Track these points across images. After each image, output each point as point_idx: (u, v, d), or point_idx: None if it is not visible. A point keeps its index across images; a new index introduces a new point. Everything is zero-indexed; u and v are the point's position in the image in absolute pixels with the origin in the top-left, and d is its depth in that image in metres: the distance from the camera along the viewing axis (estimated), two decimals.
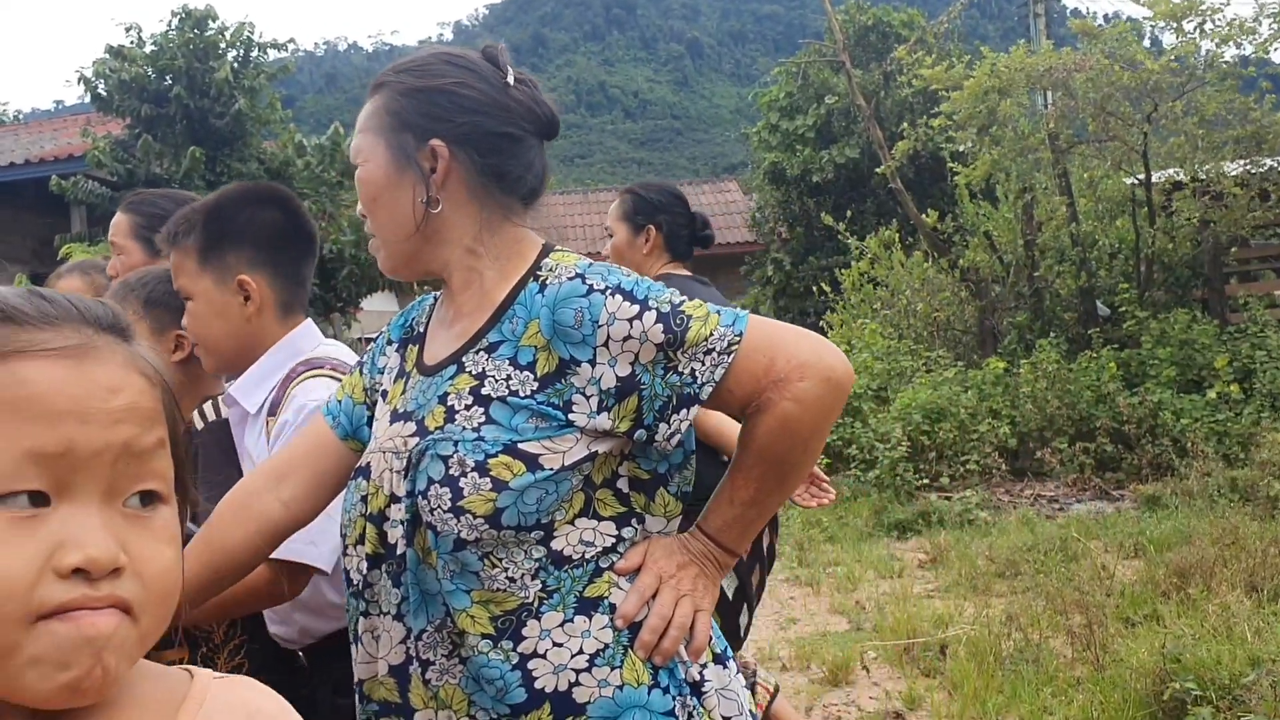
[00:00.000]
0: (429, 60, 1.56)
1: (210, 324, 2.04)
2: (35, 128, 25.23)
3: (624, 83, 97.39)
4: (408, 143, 1.52)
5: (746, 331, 1.44)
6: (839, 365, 1.45)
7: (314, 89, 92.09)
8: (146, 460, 0.79)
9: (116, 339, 0.82)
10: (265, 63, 19.93)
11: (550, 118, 1.57)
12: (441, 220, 1.53)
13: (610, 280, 1.44)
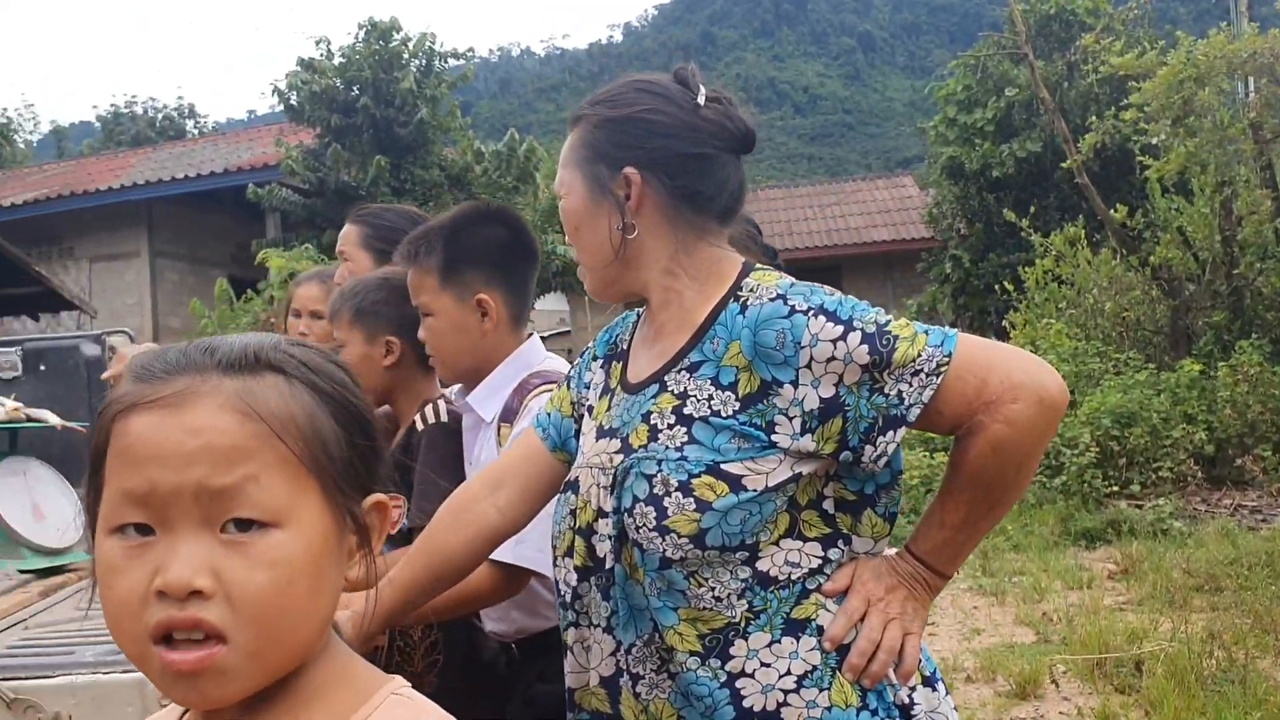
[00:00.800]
0: (621, 90, 1.61)
1: (449, 339, 2.13)
2: (232, 138, 26.69)
3: (794, 78, 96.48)
4: (602, 173, 1.58)
5: (956, 351, 1.41)
6: (1054, 385, 1.41)
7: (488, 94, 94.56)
8: (232, 494, 0.84)
9: (234, 376, 0.89)
10: (446, 71, 20.57)
11: (744, 132, 1.59)
12: (639, 245, 1.57)
13: (813, 301, 1.44)
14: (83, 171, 24.47)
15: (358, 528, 0.94)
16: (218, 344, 0.91)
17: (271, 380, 0.90)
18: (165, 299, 21.76)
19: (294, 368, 0.92)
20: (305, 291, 3.62)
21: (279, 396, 0.89)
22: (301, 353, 0.95)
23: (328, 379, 0.95)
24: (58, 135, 50.93)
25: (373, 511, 0.96)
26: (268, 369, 0.91)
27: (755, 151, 1.68)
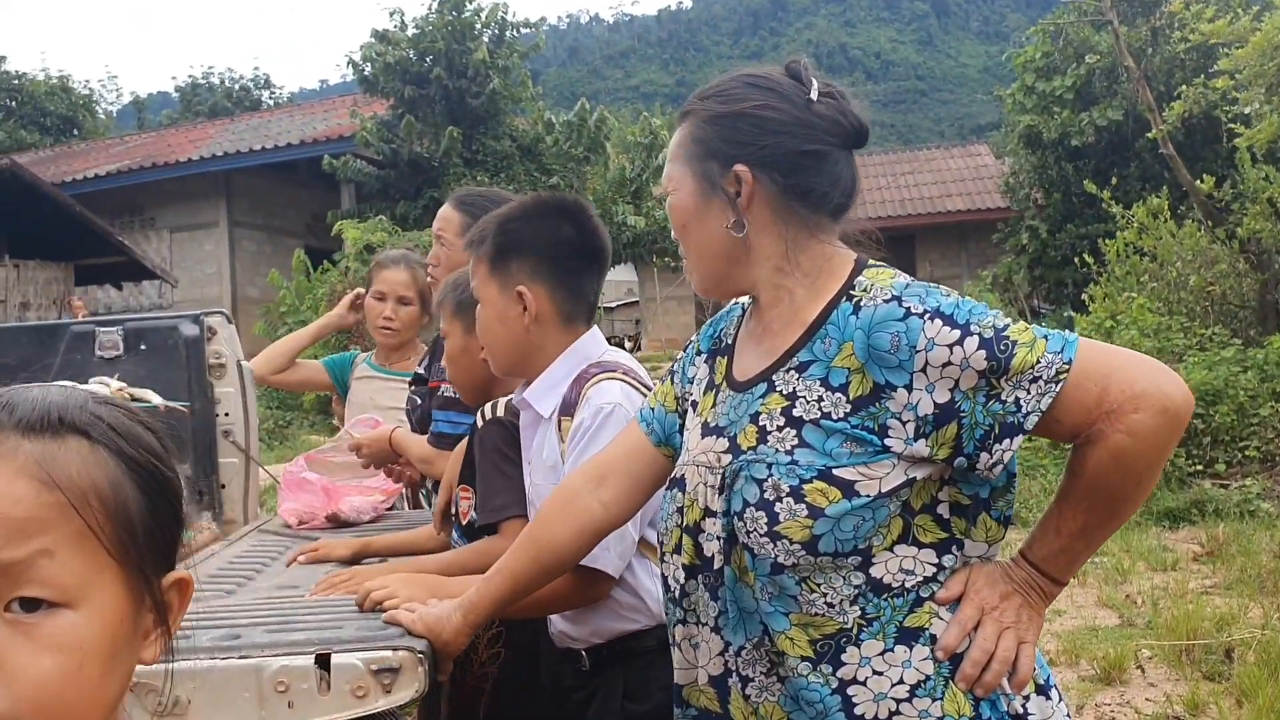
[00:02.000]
0: (731, 85, 1.58)
1: (493, 328, 2.13)
2: (307, 109, 26.99)
3: (866, 44, 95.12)
4: (712, 170, 1.55)
5: (1076, 358, 1.37)
6: (1178, 394, 1.37)
7: (557, 62, 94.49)
8: (20, 570, 0.77)
9: (34, 439, 0.81)
10: (517, 41, 20.57)
11: (857, 127, 1.55)
12: (749, 242, 1.55)
13: (929, 303, 1.41)
14: (163, 143, 24.94)
15: (156, 605, 0.86)
16: (17, 401, 0.83)
17: (75, 445, 0.82)
18: (243, 268, 22.17)
19: (100, 432, 0.84)
20: (393, 276, 3.65)
21: (81, 464, 0.81)
22: (110, 414, 0.86)
23: (136, 444, 0.86)
24: (137, 106, 51.96)
25: (173, 589, 0.88)
26: (72, 432, 0.83)
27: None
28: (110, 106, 45.71)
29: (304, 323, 15.94)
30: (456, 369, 2.42)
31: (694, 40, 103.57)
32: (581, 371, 2.08)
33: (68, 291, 19.19)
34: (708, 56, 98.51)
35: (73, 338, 3.17)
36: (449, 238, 2.95)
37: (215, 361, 3.20)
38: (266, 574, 2.40)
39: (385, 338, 3.71)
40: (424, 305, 3.68)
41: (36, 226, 17.92)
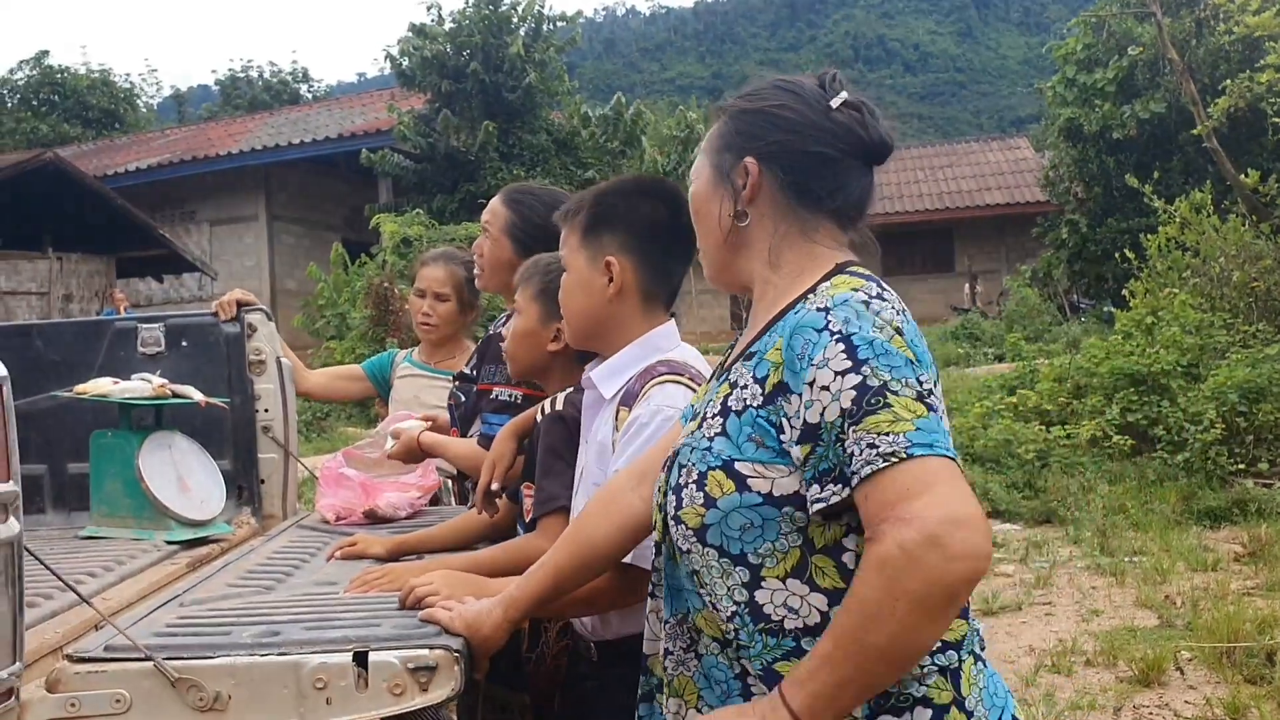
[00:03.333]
0: (762, 85, 1.64)
1: (575, 296, 2.15)
2: (345, 102, 27.17)
3: (904, 35, 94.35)
4: (726, 161, 1.62)
5: (919, 458, 1.28)
6: (960, 547, 1.25)
7: (593, 55, 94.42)
8: None
9: None
10: (554, 35, 20.60)
11: (877, 142, 1.58)
12: (748, 234, 1.61)
13: (847, 327, 1.38)
14: (203, 136, 25.19)
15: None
16: None
17: None
18: (282, 261, 22.37)
19: None
20: (431, 273, 3.68)
21: None
22: None
23: None
24: (178, 99, 52.49)
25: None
26: None
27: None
28: (151, 100, 46.26)
29: (341, 316, 16.11)
30: (519, 347, 2.45)
31: (730, 33, 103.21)
32: (650, 366, 2.09)
33: (109, 284, 19.44)
34: (744, 49, 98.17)
35: (116, 334, 3.22)
36: (494, 232, 2.96)
37: (255, 358, 3.24)
38: (305, 570, 2.42)
39: (424, 333, 3.75)
40: (462, 302, 3.70)
41: (79, 220, 18.16)
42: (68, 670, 1.71)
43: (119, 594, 2.26)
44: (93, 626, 2.05)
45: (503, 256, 2.92)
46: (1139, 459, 8.60)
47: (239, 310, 3.26)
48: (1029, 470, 8.47)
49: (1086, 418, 9.11)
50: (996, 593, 5.99)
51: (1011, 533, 7.48)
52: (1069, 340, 15.19)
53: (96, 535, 2.84)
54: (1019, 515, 7.81)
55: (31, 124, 34.16)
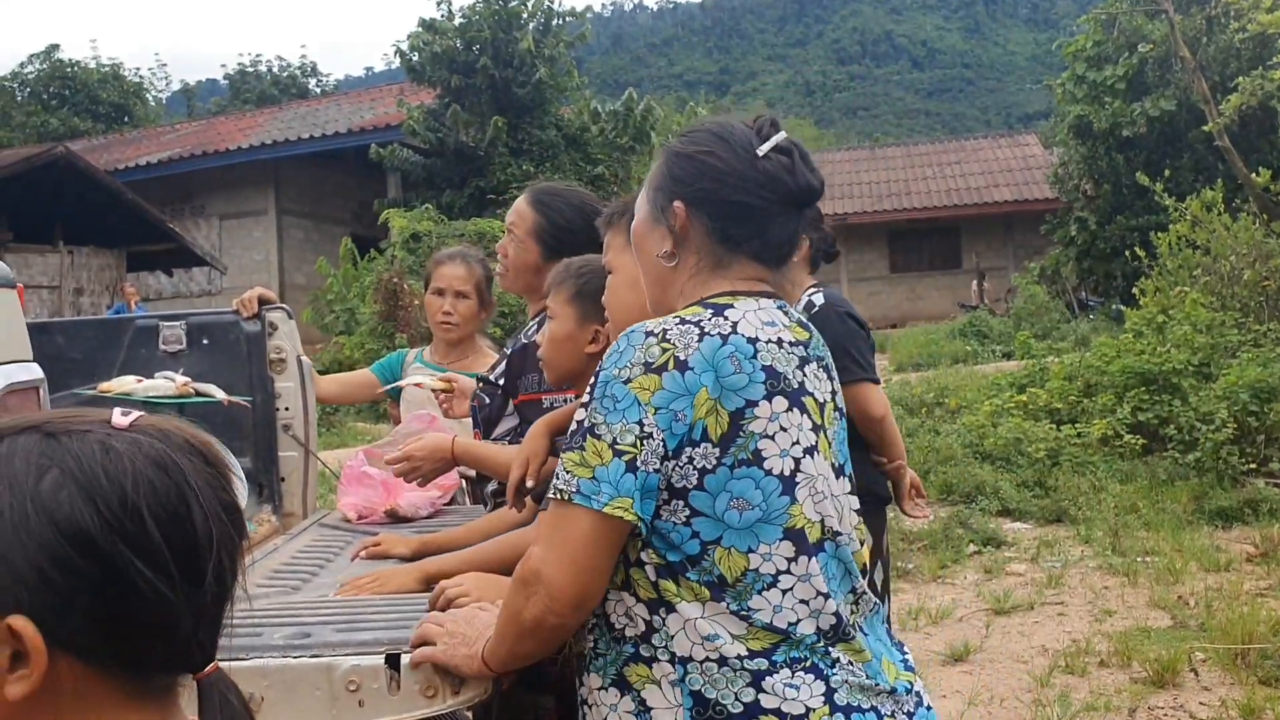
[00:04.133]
0: (699, 130, 1.73)
1: (623, 297, 2.14)
2: (354, 97, 27.17)
3: (911, 31, 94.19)
4: (660, 200, 1.70)
5: (572, 504, 1.46)
6: (534, 608, 1.49)
7: (600, 50, 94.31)
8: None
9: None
10: (563, 30, 20.58)
11: (801, 188, 1.64)
12: (676, 271, 1.69)
13: (605, 360, 1.54)
14: (213, 131, 25.22)
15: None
16: None
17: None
18: (291, 256, 22.40)
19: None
20: (450, 271, 3.67)
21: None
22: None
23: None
24: (187, 93, 52.58)
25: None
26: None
27: (871, 107, 1.71)
28: (160, 94, 46.29)
29: (350, 311, 16.13)
30: (556, 352, 2.44)
31: (738, 28, 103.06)
32: None
33: (120, 278, 19.48)
34: (751, 45, 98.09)
35: (137, 332, 3.23)
36: (520, 234, 2.93)
37: (276, 356, 3.25)
38: (330, 569, 2.43)
39: (445, 332, 3.72)
40: (481, 300, 3.69)
41: (89, 213, 18.20)
42: None
43: None
44: None
45: (529, 259, 2.90)
46: (1150, 458, 8.59)
47: (260, 308, 3.26)
48: (1039, 469, 8.45)
49: (1097, 416, 9.09)
50: (1008, 591, 5.99)
51: (1022, 532, 7.47)
52: (1078, 338, 15.18)
53: None
54: (1029, 514, 7.80)
55: (42, 118, 34.19)
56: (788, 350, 1.56)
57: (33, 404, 1.57)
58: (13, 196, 16.97)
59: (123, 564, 0.81)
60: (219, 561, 0.86)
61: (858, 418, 3.35)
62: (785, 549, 1.49)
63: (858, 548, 1.61)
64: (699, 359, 1.49)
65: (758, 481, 1.48)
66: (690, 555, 1.48)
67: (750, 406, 1.49)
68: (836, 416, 1.65)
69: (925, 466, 8.35)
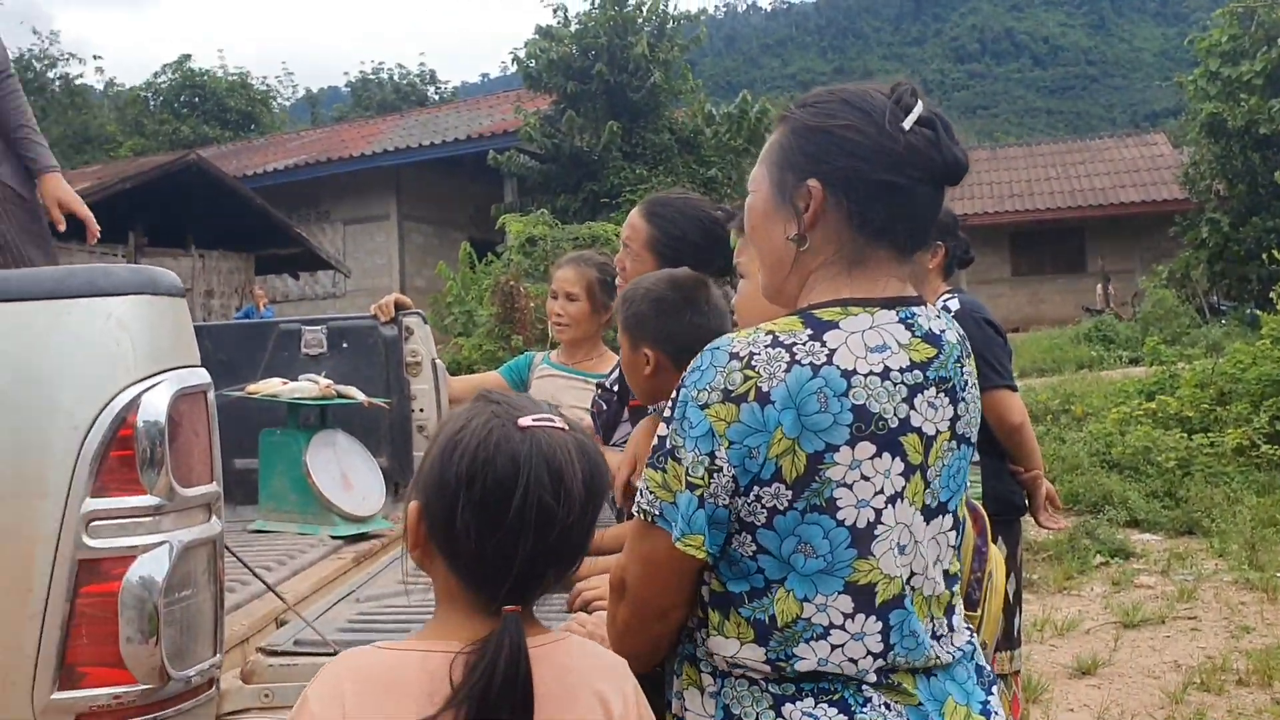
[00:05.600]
0: (827, 98, 1.54)
1: (755, 304, 2.08)
2: (472, 104, 27.64)
3: (1033, 28, 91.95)
4: (787, 179, 1.53)
5: (638, 519, 1.47)
6: (619, 617, 1.55)
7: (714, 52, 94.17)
8: None
9: None
10: (678, 34, 20.64)
11: (950, 164, 1.49)
12: (804, 256, 1.53)
13: (687, 377, 1.47)
14: (337, 138, 25.91)
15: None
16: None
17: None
18: (411, 259, 22.90)
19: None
20: (562, 274, 3.75)
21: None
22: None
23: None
24: (310, 101, 54.14)
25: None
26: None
27: (990, 105, 1.59)
28: (285, 101, 47.77)
29: (468, 313, 16.42)
30: (631, 378, 2.49)
31: (853, 27, 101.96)
32: None
33: (249, 281, 20.16)
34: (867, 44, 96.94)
35: (281, 336, 3.36)
36: (636, 248, 2.95)
37: (411, 359, 3.34)
38: None
39: (558, 333, 3.80)
40: (594, 301, 3.74)
41: (220, 218, 18.87)
42: (261, 662, 1.81)
43: (294, 588, 2.36)
44: (274, 620, 2.15)
45: (645, 271, 2.93)
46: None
47: (397, 313, 3.36)
48: (1169, 479, 8.19)
49: (1231, 425, 8.77)
50: (1138, 604, 5.83)
51: (1151, 543, 7.26)
52: (1209, 344, 14.64)
53: (265, 529, 2.97)
54: (1159, 525, 7.57)
55: (174, 126, 35.58)
56: (894, 381, 1.42)
57: (201, 407, 1.66)
58: (148, 202, 17.70)
59: (457, 503, 1.24)
60: (526, 532, 1.23)
61: (995, 425, 3.31)
62: (843, 603, 1.41)
63: (943, 589, 1.50)
64: (782, 392, 1.37)
65: (827, 531, 1.39)
66: (754, 588, 1.43)
67: (830, 451, 1.38)
68: (952, 446, 1.50)
69: (1050, 475, 8.11)
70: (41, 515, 1.53)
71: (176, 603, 1.59)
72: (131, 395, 1.54)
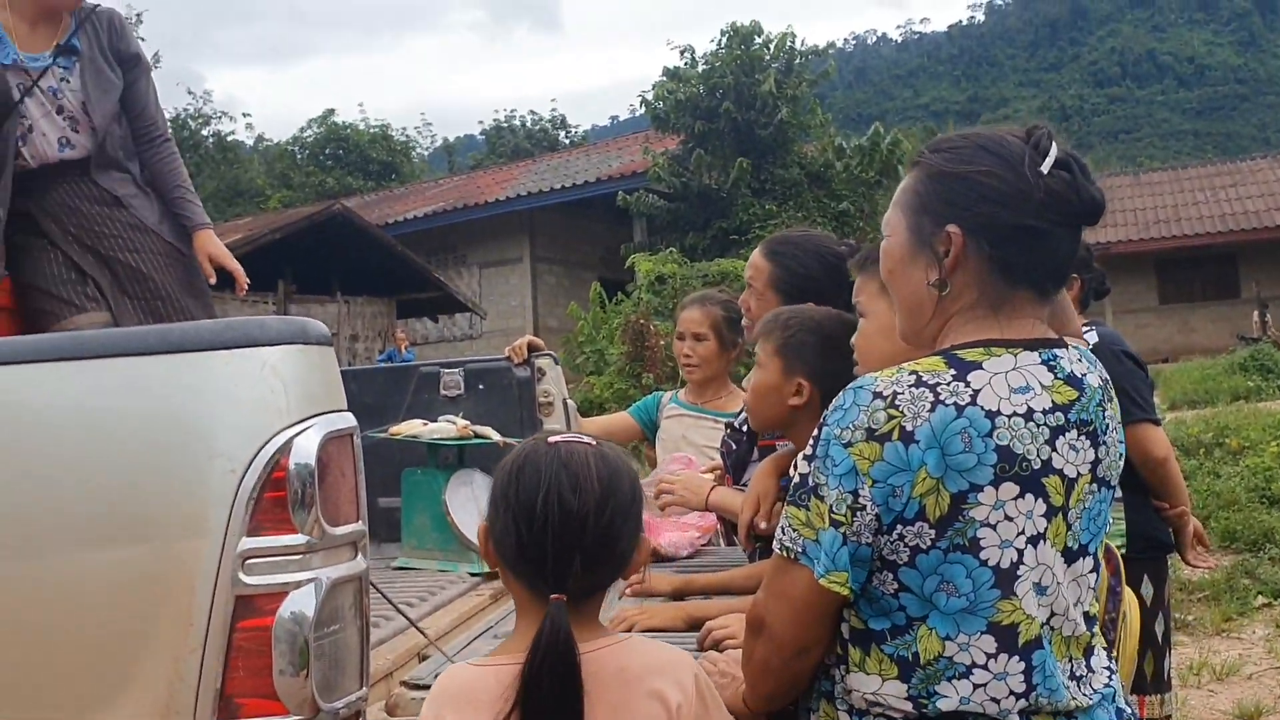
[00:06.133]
0: (963, 143, 1.56)
1: (875, 343, 2.10)
2: (602, 147, 28.11)
3: (1177, 48, 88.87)
4: (925, 225, 1.55)
5: (789, 561, 1.48)
6: (756, 653, 1.55)
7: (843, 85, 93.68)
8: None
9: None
10: (806, 69, 20.64)
11: (1088, 205, 1.50)
12: (948, 301, 1.55)
13: (829, 415, 1.49)
14: (472, 185, 26.65)
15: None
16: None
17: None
18: (544, 301, 23.33)
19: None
20: (687, 315, 3.78)
21: None
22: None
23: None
24: (447, 149, 55.78)
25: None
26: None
27: (1133, 129, 1.56)
28: (424, 151, 49.34)
29: (599, 352, 16.64)
30: (759, 402, 2.45)
31: (987, 55, 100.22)
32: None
33: (391, 324, 20.81)
34: (1001, 71, 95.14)
35: (421, 378, 3.48)
36: (759, 287, 2.96)
37: (544, 400, 3.42)
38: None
39: (688, 373, 3.83)
40: (721, 340, 3.76)
41: (363, 265, 19.57)
42: (405, 696, 1.87)
43: (435, 623, 2.44)
44: (416, 654, 2.23)
45: (767, 307, 2.94)
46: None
47: (530, 355, 3.45)
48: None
49: None
50: None
51: None
52: None
53: (407, 566, 3.07)
54: None
55: (319, 178, 37.09)
56: (1037, 422, 1.43)
57: (347, 449, 1.74)
58: (296, 251, 18.46)
59: (504, 513, 1.49)
60: (550, 524, 1.44)
61: (1138, 460, 3.21)
62: (986, 643, 1.41)
63: (1083, 630, 1.50)
64: (926, 432, 1.39)
65: (970, 570, 1.40)
66: (896, 625, 1.45)
67: (974, 491, 1.39)
68: (1093, 489, 1.49)
69: (1205, 511, 7.81)
70: (202, 554, 1.62)
71: (325, 637, 1.66)
72: (284, 439, 1.62)
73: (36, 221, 3.20)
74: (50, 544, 1.63)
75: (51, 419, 1.65)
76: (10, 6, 3.14)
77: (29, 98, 3.13)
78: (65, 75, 3.19)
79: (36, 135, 3.18)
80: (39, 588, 1.62)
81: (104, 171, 3.25)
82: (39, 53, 3.17)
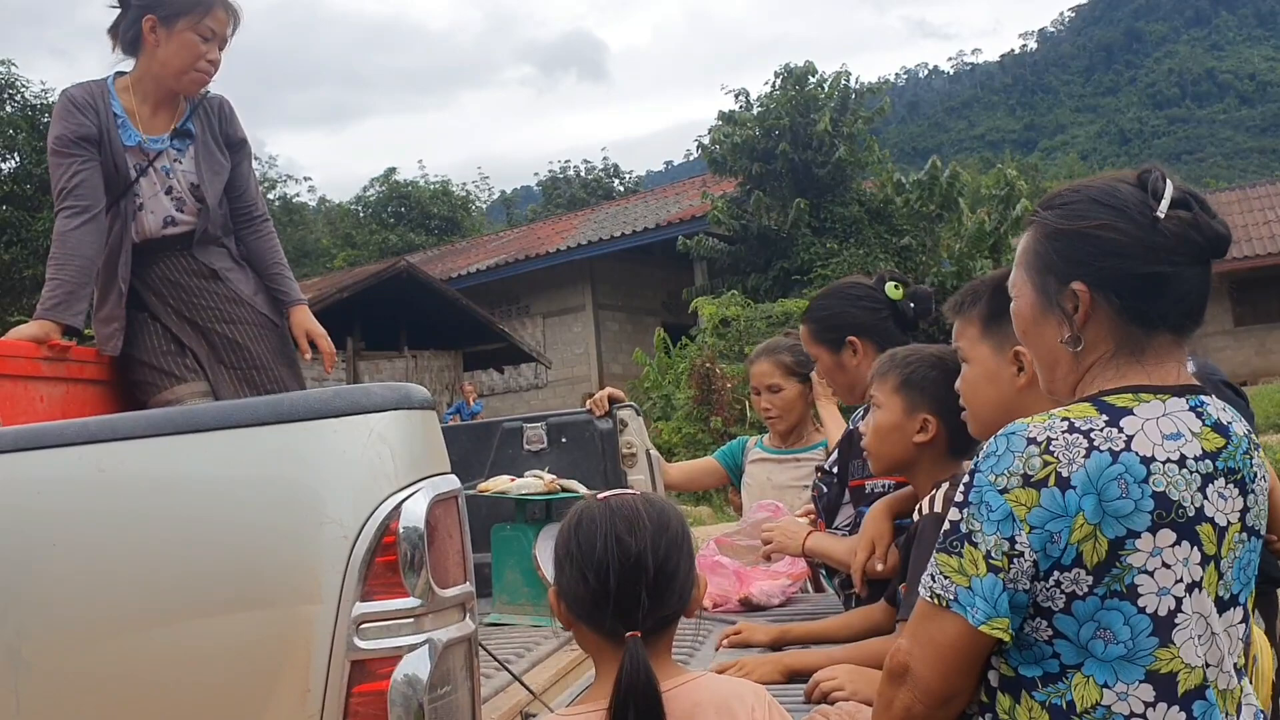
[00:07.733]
0: (1075, 198, 1.57)
1: (980, 389, 2.07)
2: (659, 193, 28.30)
3: (1236, 66, 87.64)
4: (1050, 284, 1.56)
5: (940, 608, 1.46)
6: (900, 700, 1.49)
7: (896, 120, 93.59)
8: None
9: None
10: (860, 107, 20.66)
11: (1212, 239, 1.50)
12: (1085, 353, 1.55)
13: (980, 462, 1.48)
14: (533, 236, 26.96)
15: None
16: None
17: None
18: (607, 347, 23.45)
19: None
20: (758, 370, 3.80)
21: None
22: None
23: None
24: (505, 202, 56.49)
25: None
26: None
27: (1195, 150, 1.56)
28: (482, 204, 49.98)
29: (666, 397, 16.66)
30: (881, 442, 2.43)
31: (1040, 82, 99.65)
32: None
33: (457, 377, 21.04)
34: (1057, 97, 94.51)
35: (504, 434, 3.52)
36: (807, 348, 3.20)
37: (627, 451, 3.44)
38: (698, 658, 2.53)
39: (773, 425, 3.85)
40: (795, 381, 3.75)
41: (429, 319, 19.85)
42: None
43: (534, 679, 2.44)
44: (519, 712, 2.23)
45: (823, 359, 3.08)
46: None
47: (611, 407, 3.47)
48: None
49: None
50: None
51: None
52: None
53: (499, 622, 3.09)
54: None
55: (382, 235, 37.67)
56: (1190, 469, 1.43)
57: (453, 511, 1.76)
58: (364, 308, 18.78)
59: (570, 568, 1.64)
60: (610, 562, 1.56)
61: None
62: (1144, 692, 1.40)
63: (1235, 684, 1.48)
64: (1083, 478, 1.39)
65: (1127, 617, 1.40)
66: (1049, 673, 1.44)
67: (1132, 537, 1.39)
68: (1243, 538, 1.49)
69: None
70: (317, 620, 1.64)
71: (439, 699, 1.67)
72: (394, 504, 1.64)
73: (139, 295, 3.31)
74: (173, 612, 1.66)
75: (170, 490, 1.69)
76: (135, 91, 3.27)
77: (144, 177, 3.26)
78: (178, 156, 3.32)
79: (145, 213, 3.30)
80: (164, 655, 1.65)
81: (204, 247, 3.36)
82: (158, 135, 3.30)
